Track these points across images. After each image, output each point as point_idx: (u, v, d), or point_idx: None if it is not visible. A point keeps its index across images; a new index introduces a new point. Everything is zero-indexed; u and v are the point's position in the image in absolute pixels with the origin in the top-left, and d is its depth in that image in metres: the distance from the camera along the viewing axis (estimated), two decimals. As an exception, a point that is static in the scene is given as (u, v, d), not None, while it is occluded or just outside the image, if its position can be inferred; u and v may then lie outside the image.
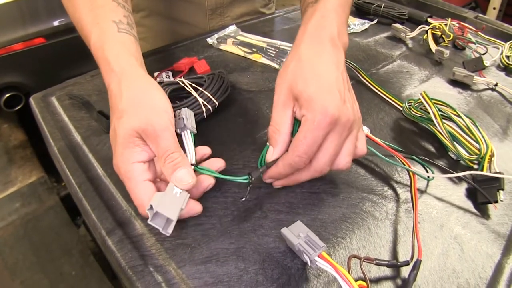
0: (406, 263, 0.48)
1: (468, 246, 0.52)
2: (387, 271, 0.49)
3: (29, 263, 1.72)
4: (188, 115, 0.57)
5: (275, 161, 0.54)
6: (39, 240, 1.81)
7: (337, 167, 0.54)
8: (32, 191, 2.03)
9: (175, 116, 0.56)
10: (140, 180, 0.49)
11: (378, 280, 0.48)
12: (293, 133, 0.54)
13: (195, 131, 0.56)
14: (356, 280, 0.42)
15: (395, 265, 0.48)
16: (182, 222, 0.52)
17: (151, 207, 0.46)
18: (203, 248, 0.49)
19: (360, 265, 0.45)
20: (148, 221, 0.46)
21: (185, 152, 0.53)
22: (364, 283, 0.43)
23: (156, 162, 0.53)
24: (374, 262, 0.47)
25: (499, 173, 0.58)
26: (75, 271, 1.69)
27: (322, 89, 0.51)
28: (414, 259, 0.48)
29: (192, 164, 0.51)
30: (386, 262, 0.48)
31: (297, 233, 0.46)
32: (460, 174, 0.59)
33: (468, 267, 0.50)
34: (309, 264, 0.45)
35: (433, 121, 0.66)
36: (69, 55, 2.05)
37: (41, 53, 2.00)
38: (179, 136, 0.53)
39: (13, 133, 2.36)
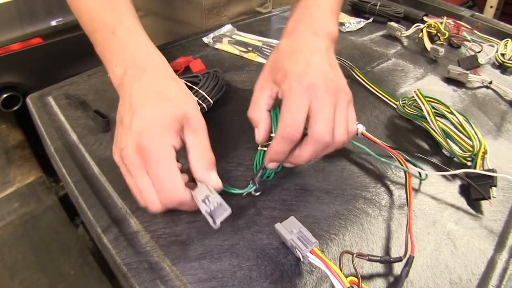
0: (399, 259, 0.48)
1: (460, 242, 0.53)
2: (379, 267, 0.49)
3: (28, 262, 1.72)
4: None
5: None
6: (38, 240, 1.81)
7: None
8: (31, 191, 2.04)
9: None
10: (175, 164, 0.48)
11: (370, 276, 0.48)
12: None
13: None
14: (348, 276, 0.43)
15: (387, 261, 0.49)
16: (176, 220, 0.52)
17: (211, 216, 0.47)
18: (197, 244, 0.50)
19: (352, 260, 0.46)
20: (216, 226, 0.47)
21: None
22: (355, 279, 0.44)
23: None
24: (367, 258, 0.47)
25: (492, 170, 0.59)
26: (74, 271, 1.69)
27: (298, 63, 0.53)
28: (407, 256, 0.48)
29: None
30: (379, 258, 0.48)
31: (290, 229, 0.47)
32: (456, 171, 0.60)
33: (461, 262, 0.50)
34: (302, 259, 0.46)
35: (426, 119, 0.66)
36: (66, 55, 2.06)
37: (38, 53, 2.00)
38: None
39: (12, 133, 2.36)
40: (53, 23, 1.98)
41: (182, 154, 0.51)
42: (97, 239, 0.52)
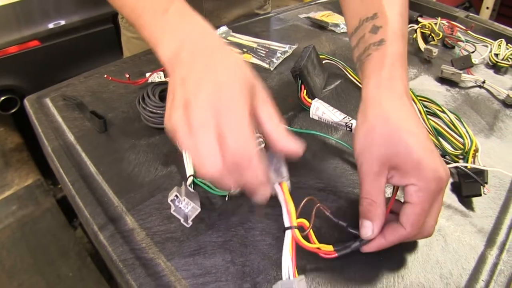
0: (356, 233, 0.49)
1: (451, 238, 0.54)
2: (340, 232, 0.51)
3: (27, 265, 1.72)
4: None
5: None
6: (36, 243, 1.82)
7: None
8: (29, 194, 2.04)
9: None
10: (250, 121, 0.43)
11: (324, 233, 0.50)
12: None
13: None
14: (301, 218, 0.46)
15: (344, 227, 0.50)
16: (171, 217, 0.53)
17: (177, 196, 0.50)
18: (191, 241, 0.51)
19: (314, 209, 0.47)
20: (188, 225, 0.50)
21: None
22: (306, 223, 0.45)
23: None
24: (328, 212, 0.49)
25: (483, 167, 0.60)
26: (72, 273, 1.69)
27: (427, 151, 0.46)
28: None
29: (191, 175, 0.56)
30: (337, 221, 0.49)
31: (271, 159, 0.48)
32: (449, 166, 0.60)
33: (451, 258, 0.51)
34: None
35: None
36: (64, 58, 2.07)
37: (36, 55, 2.01)
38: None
39: (9, 136, 2.36)
40: (50, 25, 1.98)
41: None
42: (94, 236, 0.52)
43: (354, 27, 0.61)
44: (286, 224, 0.45)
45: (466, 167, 0.60)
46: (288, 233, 0.44)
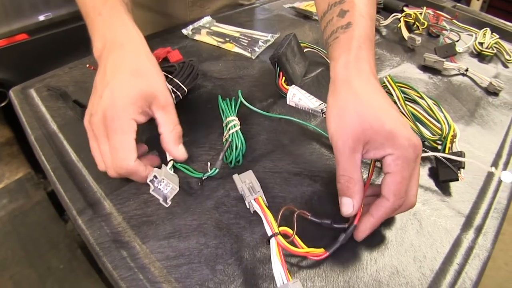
0: (342, 227, 0.49)
1: (427, 222, 0.54)
2: (323, 230, 0.51)
3: (18, 258, 1.72)
4: None
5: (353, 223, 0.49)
6: (27, 235, 1.82)
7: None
8: (19, 187, 2.04)
9: None
10: (131, 136, 0.53)
11: (309, 234, 0.49)
12: None
13: None
14: (282, 226, 0.47)
15: (328, 225, 0.50)
16: (148, 202, 0.54)
17: (156, 177, 0.52)
18: (166, 224, 0.51)
19: (294, 215, 0.47)
20: (151, 191, 0.51)
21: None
22: (289, 230, 0.46)
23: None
24: (309, 215, 0.50)
25: (460, 152, 0.60)
26: (62, 265, 1.70)
27: (398, 123, 0.47)
28: (352, 225, 0.49)
29: (171, 160, 0.58)
30: (320, 221, 0.50)
31: (244, 180, 0.52)
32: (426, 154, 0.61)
33: (426, 241, 0.52)
34: (248, 206, 0.52)
35: (397, 103, 0.68)
36: (52, 51, 2.05)
37: (24, 49, 1.99)
38: None
39: (-1, 130, 2.36)
40: (39, 18, 1.97)
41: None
42: (74, 221, 0.53)
43: (323, 11, 0.63)
44: (269, 233, 0.45)
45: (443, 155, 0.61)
46: (273, 241, 0.45)
